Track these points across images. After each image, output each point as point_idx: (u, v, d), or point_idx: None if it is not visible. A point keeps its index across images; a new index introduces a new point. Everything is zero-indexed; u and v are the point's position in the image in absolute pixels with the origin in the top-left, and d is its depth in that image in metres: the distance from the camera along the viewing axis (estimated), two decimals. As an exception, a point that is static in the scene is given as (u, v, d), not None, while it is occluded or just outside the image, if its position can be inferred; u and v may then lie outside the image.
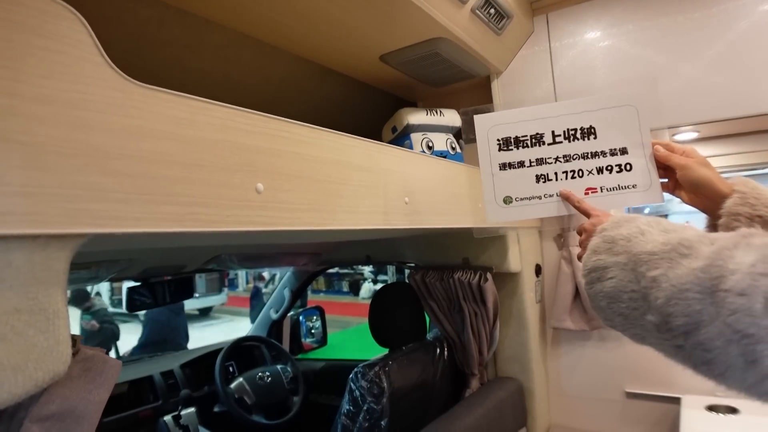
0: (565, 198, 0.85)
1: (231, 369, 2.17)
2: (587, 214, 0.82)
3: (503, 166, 0.87)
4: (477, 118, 0.88)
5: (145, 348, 4.55)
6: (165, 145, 0.57)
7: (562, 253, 1.69)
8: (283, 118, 0.74)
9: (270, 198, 0.71)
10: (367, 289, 10.64)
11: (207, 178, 0.62)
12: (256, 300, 7.92)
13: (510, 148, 0.87)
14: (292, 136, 0.76)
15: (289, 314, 2.71)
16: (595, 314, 0.71)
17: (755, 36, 1.34)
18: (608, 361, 1.71)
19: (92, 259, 1.32)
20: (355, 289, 11.35)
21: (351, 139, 0.87)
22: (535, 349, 1.68)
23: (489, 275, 1.51)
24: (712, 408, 1.46)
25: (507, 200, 0.86)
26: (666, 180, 0.87)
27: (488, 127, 0.87)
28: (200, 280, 10.67)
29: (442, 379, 1.58)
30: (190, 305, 10.20)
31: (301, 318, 2.82)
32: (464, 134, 0.92)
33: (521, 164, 0.86)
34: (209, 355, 2.28)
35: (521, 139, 0.87)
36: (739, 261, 0.51)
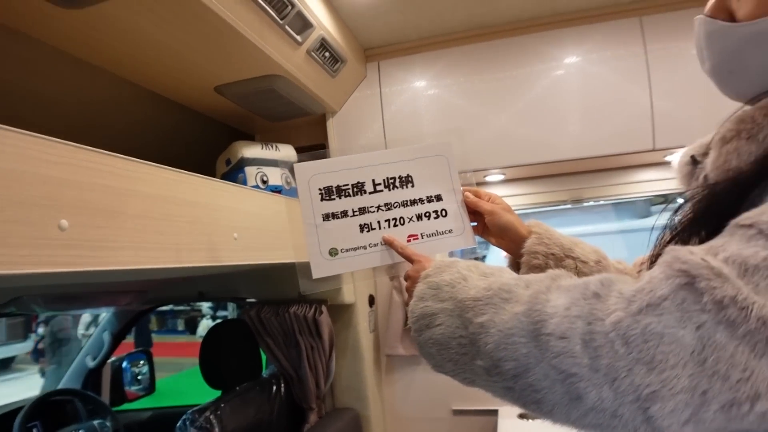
0: (389, 244, 0.86)
1: (35, 431, 1.85)
2: (410, 260, 0.82)
3: (326, 217, 0.84)
4: (297, 167, 0.85)
5: None
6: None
7: (393, 283, 1.80)
8: (94, 149, 0.69)
9: (77, 235, 0.65)
10: (206, 326, 9.92)
11: (-6, 213, 0.55)
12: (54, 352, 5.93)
13: (332, 197, 0.85)
14: (104, 168, 0.71)
15: (109, 361, 2.41)
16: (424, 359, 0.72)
17: (551, 95, 1.60)
18: (437, 383, 1.84)
19: None
20: (191, 327, 10.53)
21: (174, 173, 0.84)
22: (370, 378, 1.74)
23: (324, 308, 1.54)
24: (522, 416, 1.66)
25: (333, 252, 0.83)
26: (476, 224, 0.93)
27: (309, 176, 0.85)
28: (-1, 325, 8.94)
29: (279, 416, 1.54)
30: (-15, 355, 8.49)
31: (124, 364, 2.53)
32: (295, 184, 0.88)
33: (344, 214, 0.85)
34: (8, 416, 1.93)
35: (343, 188, 0.85)
36: (554, 304, 0.55)
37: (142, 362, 2.63)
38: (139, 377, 2.60)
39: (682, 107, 1.50)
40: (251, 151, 1.38)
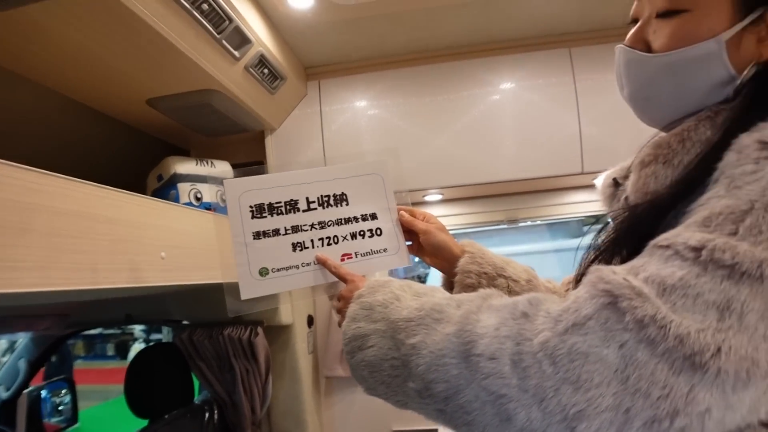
0: (322, 263, 0.83)
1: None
2: (344, 280, 0.81)
3: (257, 235, 0.81)
4: (227, 183, 0.82)
5: None
6: None
7: (333, 303, 1.76)
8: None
9: (-24, 254, 0.60)
10: (138, 350, 9.39)
11: None
12: None
13: (264, 215, 0.81)
14: (13, 182, 0.65)
15: (26, 391, 2.23)
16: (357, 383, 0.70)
17: (487, 119, 1.65)
18: (377, 404, 1.80)
19: None
20: (122, 351, 9.94)
21: (94, 188, 0.79)
22: (308, 401, 1.70)
23: (260, 329, 1.49)
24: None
25: (263, 272, 0.80)
26: (411, 243, 0.93)
27: (239, 192, 0.81)
28: None
29: (210, 445, 1.47)
30: None
31: (43, 393, 2.34)
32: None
33: (276, 232, 0.82)
34: None
35: (275, 205, 0.82)
36: (484, 325, 0.55)
37: (63, 391, 2.45)
38: (60, 408, 2.41)
39: (608, 133, 1.59)
40: (184, 166, 1.33)
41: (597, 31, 1.62)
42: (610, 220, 0.67)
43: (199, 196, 1.33)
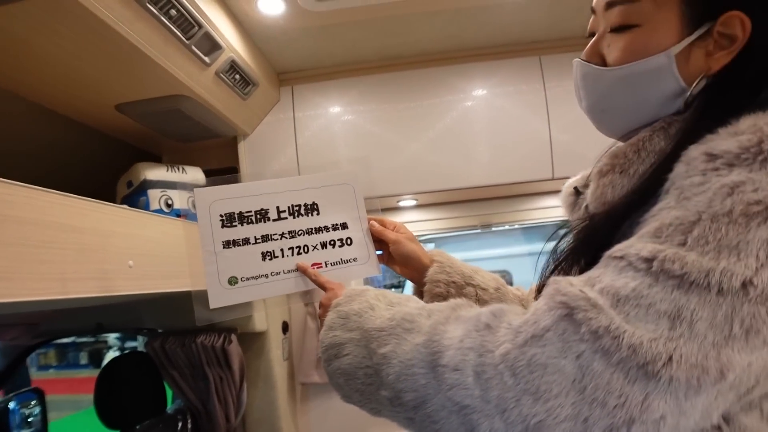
0: (302, 272, 0.84)
1: None
2: (324, 288, 0.81)
3: (227, 244, 0.81)
4: (197, 191, 0.82)
5: None
6: None
7: (308, 309, 1.76)
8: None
9: (-65, 266, 0.58)
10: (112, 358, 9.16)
11: None
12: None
13: (234, 224, 0.82)
14: (-29, 192, 0.64)
15: (-8, 403, 2.16)
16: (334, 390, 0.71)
17: (461, 125, 1.67)
18: (353, 411, 1.81)
19: None
20: (96, 360, 9.70)
21: (59, 197, 0.77)
22: (284, 408, 1.69)
23: (233, 337, 1.47)
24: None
25: (232, 281, 0.80)
26: (381, 252, 0.94)
27: (210, 201, 0.81)
28: None
29: (183, 455, 1.45)
30: None
31: (12, 405, 2.27)
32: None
33: (246, 241, 0.82)
34: None
35: (245, 214, 0.83)
36: (450, 336, 0.57)
37: (33, 402, 2.38)
38: (29, 419, 2.34)
39: (577, 140, 1.62)
40: (155, 173, 1.31)
41: (566, 39, 1.66)
42: (568, 229, 0.69)
43: (169, 202, 1.31)
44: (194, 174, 1.40)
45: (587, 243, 0.59)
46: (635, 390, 0.44)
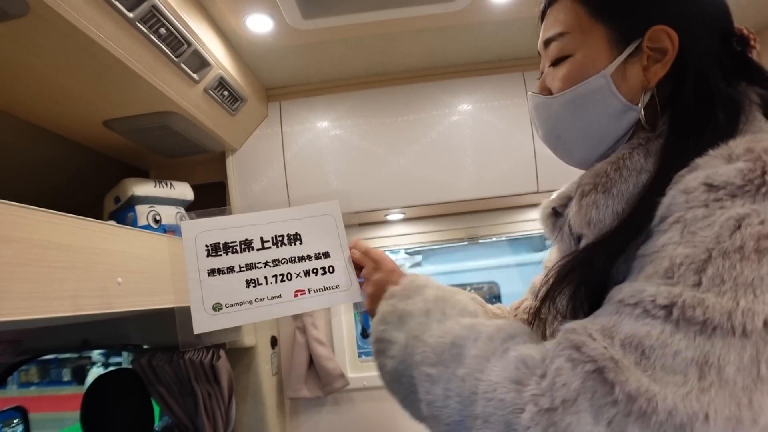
0: (353, 246, 0.88)
1: None
2: (377, 262, 0.82)
3: (212, 272, 0.83)
4: (183, 224, 0.84)
5: None
6: None
7: (296, 324, 1.76)
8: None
9: None
10: (96, 375, 8.98)
11: None
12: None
13: (219, 254, 0.84)
14: (-42, 211, 0.64)
15: (-28, 423, 2.12)
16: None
17: (447, 140, 1.70)
18: (342, 423, 1.82)
19: None
20: (80, 376, 9.50)
21: (45, 214, 0.78)
22: (273, 424, 1.68)
23: (222, 352, 1.47)
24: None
25: (216, 307, 0.82)
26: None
27: (196, 233, 0.84)
28: None
29: (170, 473, 1.43)
30: None
31: (-7, 424, 2.23)
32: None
33: (231, 270, 0.84)
34: None
35: (230, 244, 0.85)
36: (488, 379, 0.54)
37: (15, 421, 2.34)
38: (11, 438, 2.31)
39: (560, 153, 1.65)
40: (143, 188, 1.32)
41: (548, 55, 1.69)
42: (560, 257, 0.66)
43: (157, 218, 1.31)
44: (182, 189, 1.40)
45: (586, 280, 0.57)
46: None
